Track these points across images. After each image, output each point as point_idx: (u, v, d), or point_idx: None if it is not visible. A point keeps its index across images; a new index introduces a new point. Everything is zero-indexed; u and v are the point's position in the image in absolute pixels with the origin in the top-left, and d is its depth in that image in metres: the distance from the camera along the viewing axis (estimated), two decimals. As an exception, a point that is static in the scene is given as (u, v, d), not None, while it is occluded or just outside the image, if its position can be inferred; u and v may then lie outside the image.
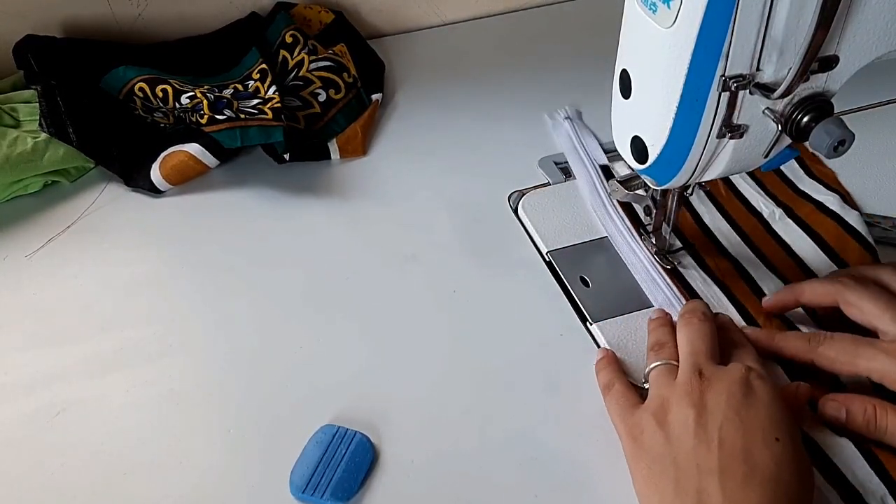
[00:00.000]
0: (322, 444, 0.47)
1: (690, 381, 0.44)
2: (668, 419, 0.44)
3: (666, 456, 0.42)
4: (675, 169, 0.46)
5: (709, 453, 0.41)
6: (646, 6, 0.41)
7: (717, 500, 0.40)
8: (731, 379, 0.44)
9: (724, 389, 0.43)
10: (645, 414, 0.45)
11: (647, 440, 0.44)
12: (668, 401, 0.44)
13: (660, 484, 0.42)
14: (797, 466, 0.41)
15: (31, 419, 0.49)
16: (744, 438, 0.41)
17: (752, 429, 0.42)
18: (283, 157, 0.64)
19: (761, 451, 0.41)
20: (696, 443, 0.42)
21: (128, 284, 0.57)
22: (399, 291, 0.57)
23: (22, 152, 0.61)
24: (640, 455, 0.44)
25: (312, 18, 0.78)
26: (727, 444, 0.41)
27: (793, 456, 0.41)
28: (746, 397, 0.43)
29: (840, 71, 0.42)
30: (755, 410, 0.43)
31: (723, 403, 0.43)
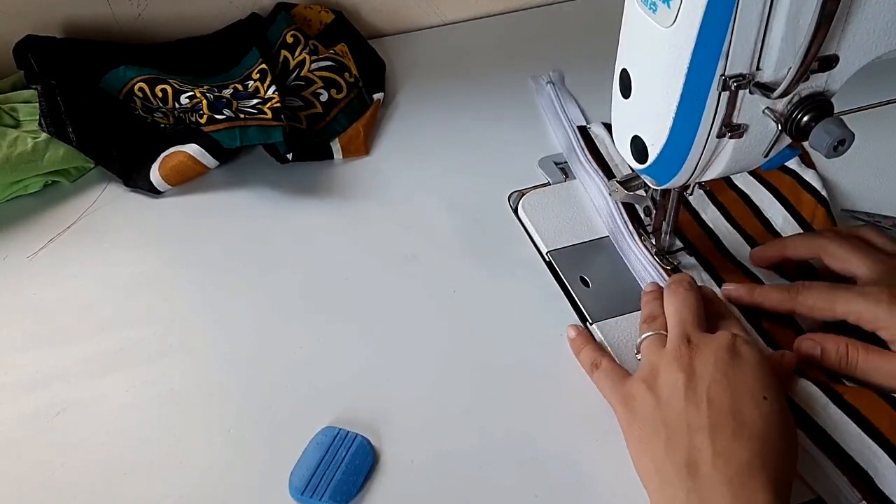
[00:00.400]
0: (322, 446, 0.47)
1: (679, 348, 0.46)
2: (658, 383, 0.45)
3: (657, 417, 0.44)
4: (675, 169, 0.46)
5: (698, 412, 0.42)
6: (646, 6, 0.41)
7: (708, 455, 0.41)
8: (719, 344, 0.45)
9: (711, 354, 0.45)
10: (636, 381, 0.46)
11: (639, 405, 0.45)
12: (657, 367, 0.46)
13: (651, 444, 0.43)
14: (784, 425, 0.43)
15: (31, 419, 0.49)
16: (732, 398, 0.43)
17: (739, 389, 0.43)
18: (286, 157, 0.64)
19: (750, 409, 0.42)
20: (686, 404, 0.43)
21: (128, 284, 0.57)
22: (399, 291, 0.57)
23: (22, 152, 0.61)
24: (632, 419, 0.45)
25: (313, 18, 0.78)
26: (716, 403, 0.42)
27: (780, 415, 0.43)
28: (734, 359, 0.44)
29: (840, 71, 0.42)
30: (742, 372, 0.44)
31: (710, 366, 0.44)
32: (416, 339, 0.54)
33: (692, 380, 0.44)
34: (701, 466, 0.41)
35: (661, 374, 0.45)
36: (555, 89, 0.72)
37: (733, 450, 0.41)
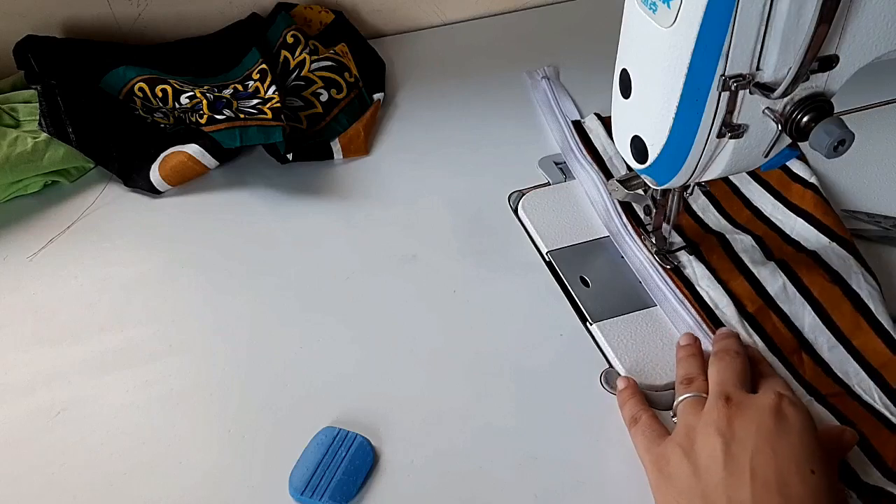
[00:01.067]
0: (322, 447, 0.47)
1: (717, 408, 0.42)
2: (696, 449, 0.41)
3: (694, 488, 0.40)
4: (675, 169, 0.46)
5: (740, 485, 0.39)
6: (646, 6, 0.41)
7: (730, 494, 0.38)
8: (762, 405, 0.42)
9: (754, 417, 0.41)
10: (671, 444, 0.43)
11: (674, 471, 0.42)
12: (694, 430, 0.42)
13: (690, 491, 0.40)
14: (833, 500, 0.39)
15: (31, 419, 0.49)
16: (777, 470, 0.39)
17: (785, 459, 0.39)
18: (287, 157, 0.64)
19: (796, 484, 0.39)
20: (726, 474, 0.39)
21: (128, 284, 0.57)
22: (399, 291, 0.57)
23: (22, 152, 0.61)
24: (667, 488, 0.42)
25: (313, 18, 0.78)
26: (760, 476, 0.39)
27: (828, 488, 0.39)
28: (778, 425, 0.41)
29: (840, 71, 0.42)
30: (788, 439, 0.40)
31: (753, 432, 0.41)
32: (417, 339, 0.54)
33: (732, 446, 0.40)
34: None
35: (699, 438, 0.42)
36: (549, 84, 0.73)
37: None
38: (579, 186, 0.63)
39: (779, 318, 0.54)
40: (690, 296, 0.55)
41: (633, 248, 0.58)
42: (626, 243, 0.58)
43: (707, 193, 0.62)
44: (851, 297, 0.53)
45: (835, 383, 0.50)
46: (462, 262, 0.59)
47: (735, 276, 0.56)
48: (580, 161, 0.64)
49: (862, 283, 0.53)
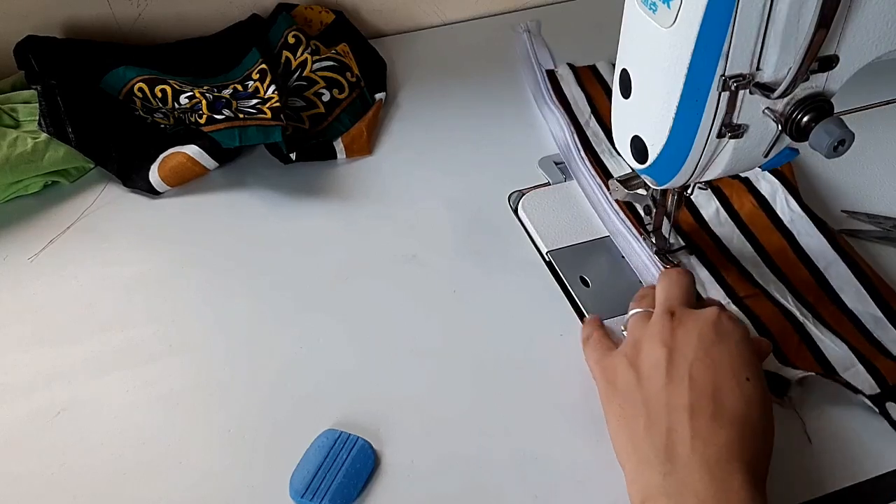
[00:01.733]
0: (323, 449, 0.46)
1: (662, 321, 0.45)
2: (640, 358, 0.44)
3: (637, 394, 0.43)
4: (675, 169, 0.46)
5: (679, 391, 0.42)
6: (646, 6, 0.41)
7: (686, 437, 0.40)
8: (703, 318, 0.45)
9: (695, 329, 0.44)
10: (618, 356, 0.46)
11: (619, 380, 0.45)
12: (640, 341, 0.45)
13: (631, 422, 0.43)
14: (764, 406, 0.42)
15: (31, 419, 0.49)
16: (714, 378, 0.42)
17: (722, 368, 0.42)
18: (290, 157, 0.64)
19: (731, 391, 0.41)
20: (667, 381, 0.42)
21: (128, 284, 0.57)
22: (399, 292, 0.57)
23: (22, 153, 0.61)
24: (613, 395, 0.45)
25: (313, 19, 0.78)
26: (698, 383, 0.42)
27: (760, 397, 0.42)
28: (718, 336, 0.44)
29: (840, 71, 0.42)
30: (726, 349, 0.43)
31: (693, 342, 0.43)
32: (417, 340, 0.54)
33: (674, 356, 0.43)
34: (679, 448, 0.40)
35: (644, 349, 0.45)
36: (530, 37, 0.78)
37: (712, 432, 0.40)
38: (580, 187, 0.63)
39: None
40: None
41: (616, 221, 0.59)
42: (609, 217, 0.60)
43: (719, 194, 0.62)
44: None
45: (752, 286, 0.54)
46: (462, 262, 0.59)
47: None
48: (549, 106, 0.70)
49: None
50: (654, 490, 0.40)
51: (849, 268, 0.56)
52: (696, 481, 0.39)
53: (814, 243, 0.58)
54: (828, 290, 0.56)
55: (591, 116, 0.70)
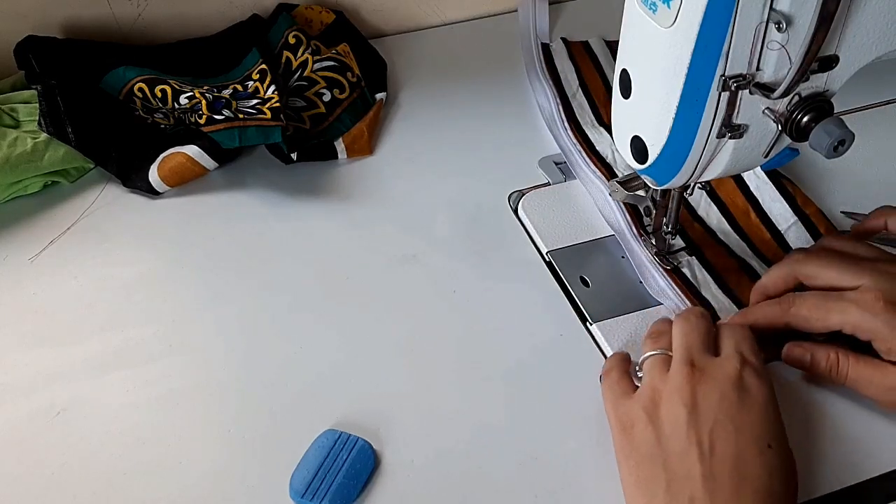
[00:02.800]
0: (323, 450, 0.46)
1: (682, 374, 0.44)
2: (660, 415, 0.43)
3: (657, 457, 0.42)
4: (675, 169, 0.46)
5: (700, 459, 0.41)
6: (646, 6, 0.41)
7: (692, 471, 0.40)
8: (725, 375, 0.43)
9: (716, 387, 0.43)
10: (636, 406, 0.44)
11: (638, 436, 0.43)
12: (659, 394, 0.44)
13: (650, 484, 0.42)
14: (786, 474, 0.41)
15: (31, 419, 0.49)
16: (736, 445, 0.41)
17: (744, 434, 0.41)
18: (291, 157, 0.64)
19: (754, 460, 0.40)
20: (688, 445, 0.41)
21: (128, 284, 0.57)
22: (399, 292, 0.57)
23: (22, 153, 0.61)
24: (630, 452, 0.43)
25: (313, 19, 0.78)
26: (718, 451, 0.41)
27: (783, 463, 0.41)
28: (740, 396, 0.42)
29: (840, 71, 0.42)
30: (748, 413, 0.42)
31: (715, 404, 0.42)
32: (417, 340, 0.54)
33: (694, 416, 0.42)
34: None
35: (663, 405, 0.43)
36: (534, 3, 0.81)
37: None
38: (580, 187, 0.63)
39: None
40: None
41: (603, 196, 0.61)
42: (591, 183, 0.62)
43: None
44: None
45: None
46: (462, 262, 0.59)
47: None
48: (539, 77, 0.73)
49: None
50: None
51: (806, 230, 0.59)
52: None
53: (776, 207, 0.61)
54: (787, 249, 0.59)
55: (578, 89, 0.72)
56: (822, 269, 0.48)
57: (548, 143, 0.68)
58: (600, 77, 0.74)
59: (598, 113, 0.70)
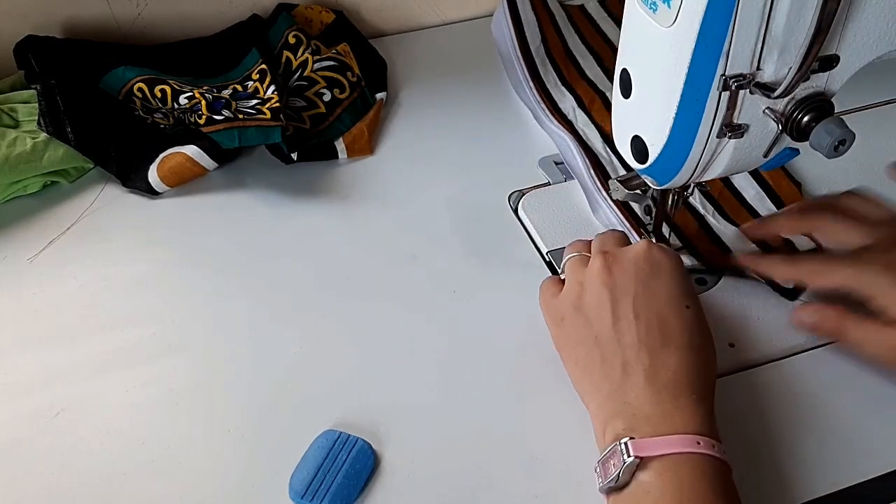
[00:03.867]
0: (323, 450, 0.46)
1: (599, 262, 0.48)
2: (585, 302, 0.47)
3: (589, 338, 0.46)
4: (676, 169, 0.46)
5: (627, 328, 0.45)
6: (646, 5, 0.41)
7: (639, 368, 0.43)
8: (636, 253, 0.48)
9: (630, 265, 0.47)
10: (564, 301, 0.49)
11: (569, 325, 0.48)
12: (582, 285, 0.48)
13: (588, 364, 0.46)
14: (703, 329, 0.46)
15: (31, 419, 0.49)
16: (657, 309, 0.45)
17: (661, 299, 0.45)
18: (291, 157, 0.64)
19: (675, 320, 0.45)
20: (614, 320, 0.45)
21: (128, 284, 0.57)
22: (399, 292, 0.57)
23: (21, 153, 0.61)
24: (565, 341, 0.48)
25: (313, 19, 0.78)
26: (642, 317, 0.45)
27: (700, 321, 0.46)
28: (652, 268, 0.47)
29: (840, 70, 0.42)
30: (662, 281, 0.46)
31: (632, 278, 0.46)
32: (417, 340, 0.54)
33: (616, 294, 0.46)
34: (633, 379, 0.43)
35: (586, 292, 0.47)
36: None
37: (661, 361, 0.43)
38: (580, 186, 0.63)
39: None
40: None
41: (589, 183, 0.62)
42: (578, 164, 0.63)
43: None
44: None
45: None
46: (462, 262, 0.59)
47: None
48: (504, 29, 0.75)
49: None
50: (613, 417, 0.43)
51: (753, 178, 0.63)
52: (646, 404, 0.42)
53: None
54: (731, 189, 0.62)
55: (540, 45, 0.75)
56: (837, 226, 0.52)
57: (548, 143, 0.68)
58: (559, 38, 0.77)
59: (561, 73, 0.73)
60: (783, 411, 0.49)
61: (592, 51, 0.76)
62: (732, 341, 0.52)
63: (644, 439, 0.41)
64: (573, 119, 0.68)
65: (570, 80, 0.73)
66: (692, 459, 0.40)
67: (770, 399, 0.49)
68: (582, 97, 0.71)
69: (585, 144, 0.65)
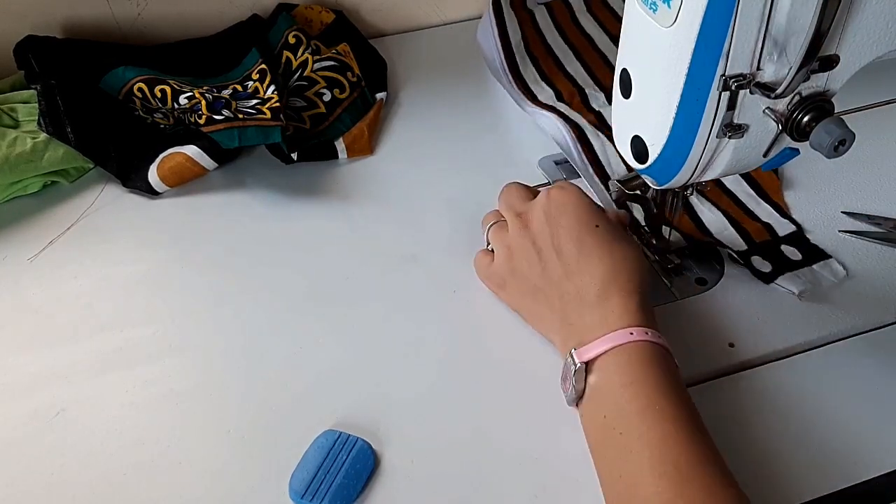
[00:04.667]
0: (323, 450, 0.46)
1: (515, 223, 0.52)
2: (515, 259, 0.52)
3: (530, 288, 0.51)
4: (676, 169, 0.46)
5: (554, 266, 0.49)
6: (646, 6, 0.41)
7: (573, 294, 0.48)
8: (541, 203, 0.52)
9: (540, 213, 0.51)
10: (498, 267, 0.53)
11: (511, 286, 0.53)
12: (509, 246, 0.52)
13: (538, 311, 0.51)
14: (619, 239, 0.50)
15: (31, 419, 0.49)
16: (575, 240, 0.49)
17: (574, 230, 0.49)
18: (291, 157, 0.64)
19: (588, 238, 0.49)
20: (542, 266, 0.50)
21: (128, 284, 0.57)
22: (399, 292, 0.57)
23: (21, 153, 0.61)
24: (515, 299, 0.53)
25: (313, 19, 0.78)
26: (564, 252, 0.49)
27: (615, 233, 0.50)
28: (557, 209, 0.51)
29: (840, 71, 0.42)
30: (569, 214, 0.50)
31: (545, 224, 0.50)
32: (417, 340, 0.54)
33: (537, 243, 0.50)
34: (571, 303, 0.48)
35: (515, 252, 0.52)
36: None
37: (588, 278, 0.48)
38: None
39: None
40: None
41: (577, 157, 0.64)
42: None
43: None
44: None
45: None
46: (462, 262, 0.59)
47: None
48: (489, 27, 0.76)
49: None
50: (566, 341, 0.48)
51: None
52: (586, 317, 0.47)
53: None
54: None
55: (521, 42, 0.76)
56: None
57: (548, 142, 0.68)
58: (538, 35, 0.78)
59: (541, 68, 0.75)
60: (783, 411, 0.49)
61: (572, 46, 0.77)
62: (732, 341, 0.52)
63: (584, 346, 0.45)
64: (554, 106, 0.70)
65: (550, 74, 0.74)
66: (628, 349, 0.44)
67: (770, 399, 0.49)
68: (561, 91, 0.72)
69: (573, 122, 0.67)
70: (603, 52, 0.76)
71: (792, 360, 0.52)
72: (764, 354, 0.52)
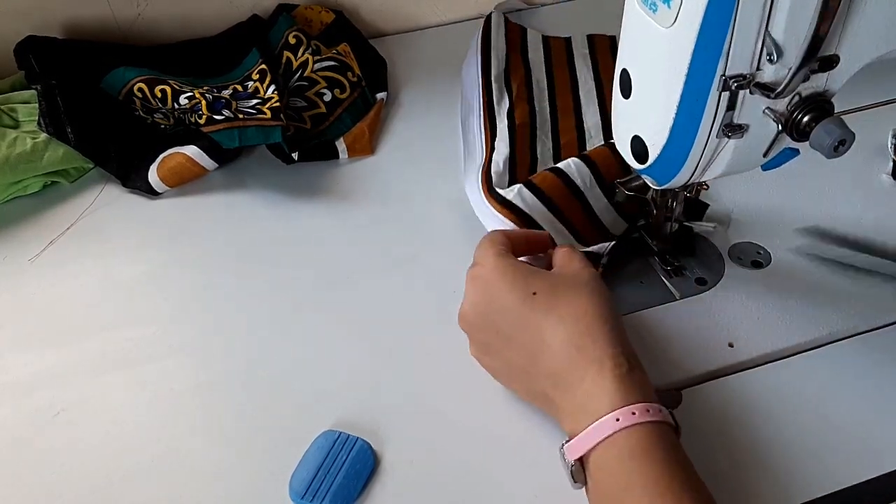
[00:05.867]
0: (323, 450, 0.46)
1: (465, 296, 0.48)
2: (476, 348, 0.49)
3: (499, 364, 0.48)
4: (676, 169, 0.46)
5: (512, 354, 0.46)
6: (646, 6, 0.41)
7: (546, 375, 0.44)
8: (468, 288, 0.48)
9: (469, 302, 0.47)
10: (474, 351, 0.49)
11: (488, 365, 0.49)
12: (469, 326, 0.49)
13: (523, 392, 0.47)
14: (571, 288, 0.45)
15: (31, 419, 0.49)
16: (513, 322, 0.45)
17: (507, 310, 0.45)
18: (292, 157, 0.64)
19: (531, 314, 0.44)
20: (501, 353, 0.46)
21: (128, 284, 0.57)
22: (399, 291, 0.57)
23: (21, 153, 0.61)
24: (499, 375, 0.49)
25: (313, 19, 0.78)
26: (513, 338, 0.45)
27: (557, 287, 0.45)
28: (484, 293, 0.47)
29: (840, 71, 0.42)
30: (497, 295, 0.46)
31: (476, 307, 0.47)
32: (417, 340, 0.54)
33: (483, 333, 0.47)
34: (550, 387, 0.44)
35: (472, 333, 0.48)
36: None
37: (550, 357, 0.43)
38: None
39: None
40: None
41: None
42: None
43: None
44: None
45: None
46: (462, 262, 0.58)
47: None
48: (474, 47, 0.75)
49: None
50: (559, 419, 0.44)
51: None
52: (566, 398, 0.43)
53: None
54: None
55: (501, 72, 0.73)
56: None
57: (548, 143, 0.68)
58: (524, 66, 0.75)
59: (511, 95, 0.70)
60: (783, 411, 0.49)
61: (552, 82, 0.74)
62: (732, 341, 0.52)
63: (572, 441, 0.41)
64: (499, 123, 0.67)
65: (516, 99, 0.70)
66: (618, 442, 0.40)
67: (769, 399, 0.49)
68: (515, 108, 0.68)
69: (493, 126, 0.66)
70: (579, 100, 0.72)
71: (791, 360, 0.52)
72: (764, 354, 0.52)
